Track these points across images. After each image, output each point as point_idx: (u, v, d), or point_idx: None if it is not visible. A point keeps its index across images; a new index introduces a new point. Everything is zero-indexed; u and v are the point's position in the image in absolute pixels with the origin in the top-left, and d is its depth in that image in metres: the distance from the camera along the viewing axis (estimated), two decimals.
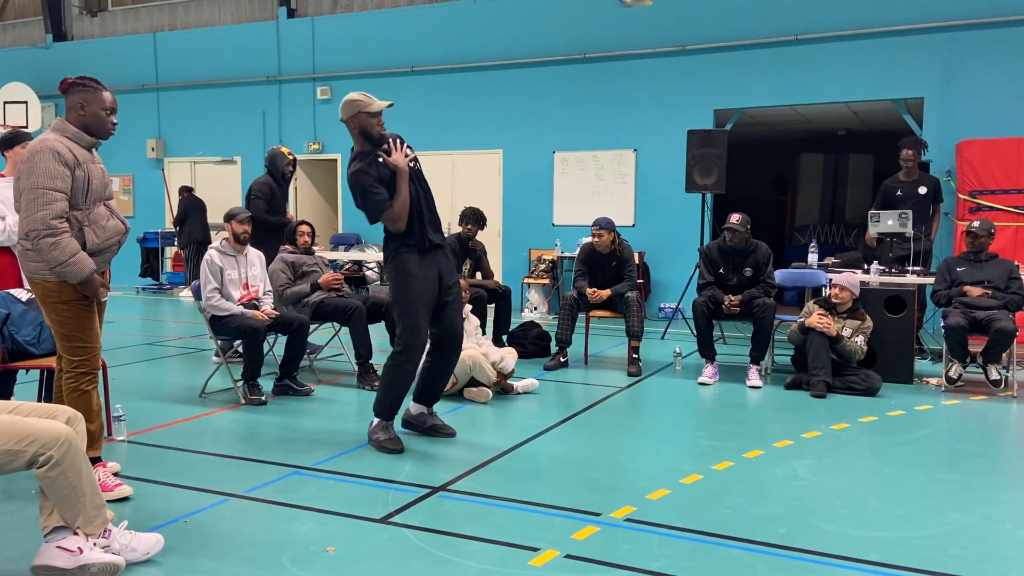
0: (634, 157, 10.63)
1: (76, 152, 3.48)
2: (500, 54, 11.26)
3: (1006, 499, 3.77)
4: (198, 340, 8.12)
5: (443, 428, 4.69)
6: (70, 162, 3.42)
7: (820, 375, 5.86)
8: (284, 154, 7.14)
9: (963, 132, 8.92)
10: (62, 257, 3.35)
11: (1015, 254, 7.75)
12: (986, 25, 8.93)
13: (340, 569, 2.95)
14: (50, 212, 3.33)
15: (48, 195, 3.34)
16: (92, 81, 3.56)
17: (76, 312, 3.52)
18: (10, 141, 4.97)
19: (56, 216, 3.35)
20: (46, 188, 3.34)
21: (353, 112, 4.26)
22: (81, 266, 3.40)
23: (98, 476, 3.63)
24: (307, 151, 12.66)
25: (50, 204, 3.33)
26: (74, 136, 3.52)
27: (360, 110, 4.24)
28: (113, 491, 3.63)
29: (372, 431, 4.45)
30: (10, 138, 4.99)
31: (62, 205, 3.37)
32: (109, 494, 3.61)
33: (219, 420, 5.12)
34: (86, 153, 3.55)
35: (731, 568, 2.98)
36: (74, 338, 3.55)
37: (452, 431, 4.68)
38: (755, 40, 9.92)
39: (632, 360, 6.70)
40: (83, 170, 3.48)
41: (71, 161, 3.43)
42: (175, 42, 13.61)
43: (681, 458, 4.35)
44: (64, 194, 3.38)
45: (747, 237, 6.50)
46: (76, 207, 3.48)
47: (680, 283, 9.59)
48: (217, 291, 5.55)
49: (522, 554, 3.07)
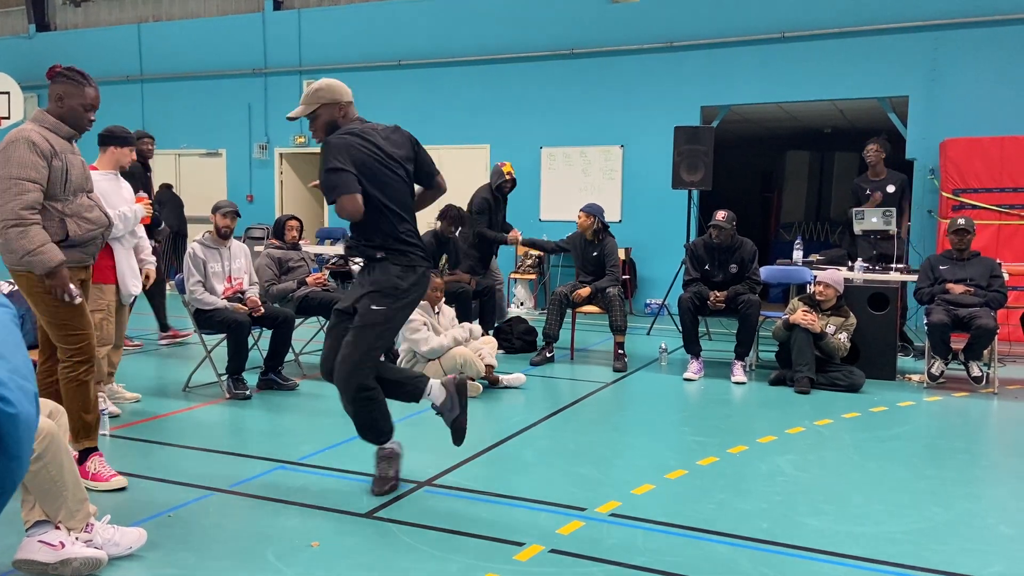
0: (621, 153, 10.64)
1: (54, 142, 3.45)
2: (487, 49, 11.23)
3: (987, 495, 3.81)
4: (181, 334, 8.06)
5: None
6: (46, 152, 3.39)
7: (804, 371, 5.90)
8: (503, 171, 7.53)
9: (947, 131, 8.98)
10: (29, 246, 3.31)
11: (997, 252, 7.82)
12: (971, 24, 8.99)
13: (325, 564, 2.94)
14: (20, 202, 3.31)
15: (20, 185, 3.31)
16: (79, 75, 3.52)
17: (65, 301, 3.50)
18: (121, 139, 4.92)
19: (27, 206, 3.32)
20: (18, 178, 3.31)
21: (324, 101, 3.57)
22: (48, 256, 3.34)
23: (94, 466, 3.64)
24: (293, 145, 12.59)
25: (21, 195, 3.31)
26: (52, 126, 3.49)
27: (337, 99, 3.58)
28: (108, 481, 3.62)
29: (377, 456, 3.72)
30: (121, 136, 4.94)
31: (35, 196, 3.34)
32: (104, 484, 3.61)
33: (203, 414, 5.09)
34: (65, 143, 3.52)
35: (714, 562, 2.99)
36: (66, 326, 3.51)
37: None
38: (742, 37, 9.95)
39: (618, 356, 6.72)
40: (61, 160, 3.45)
41: (47, 151, 3.39)
42: (160, 33, 13.49)
43: (666, 453, 4.37)
44: (38, 184, 3.35)
45: (733, 234, 6.52)
46: (55, 197, 3.45)
47: (666, 279, 9.62)
48: (200, 284, 5.52)
49: (507, 549, 3.07)
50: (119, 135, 4.92)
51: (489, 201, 7.48)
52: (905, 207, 7.91)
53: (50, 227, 3.45)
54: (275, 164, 12.84)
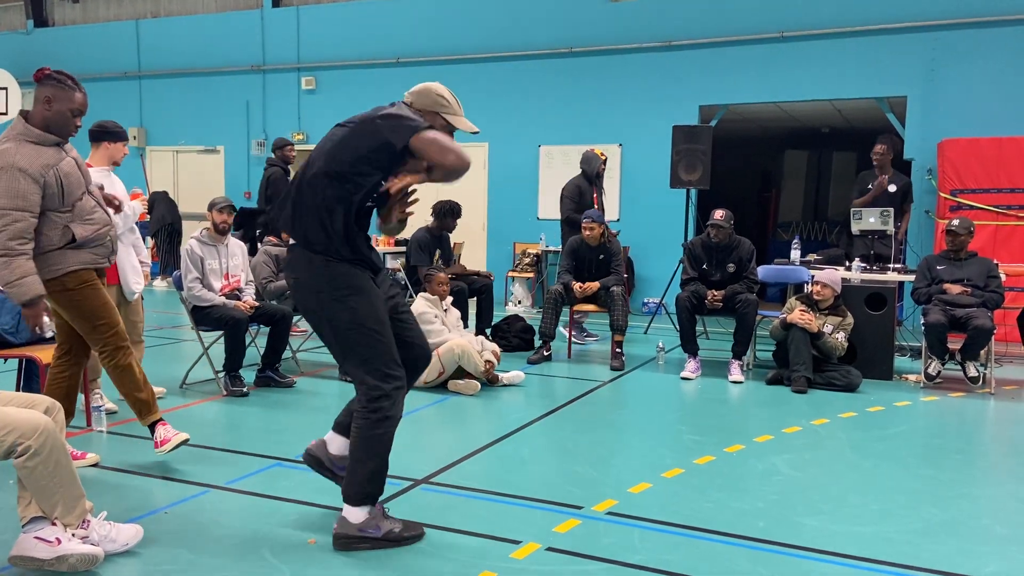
0: (619, 152, 10.64)
1: (43, 157, 3.43)
2: (486, 47, 11.23)
3: (982, 495, 3.82)
4: (178, 331, 8.07)
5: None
6: (37, 175, 3.39)
7: (801, 371, 5.90)
8: (598, 155, 7.70)
9: (945, 131, 8.99)
10: (10, 277, 3.37)
11: (994, 253, 7.83)
12: (969, 25, 9.00)
13: (321, 561, 2.94)
14: (8, 233, 3.35)
15: (8, 215, 3.34)
16: (68, 78, 3.51)
17: (87, 294, 3.63)
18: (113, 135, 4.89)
19: (14, 236, 3.35)
20: (7, 208, 3.34)
21: (432, 108, 3.07)
22: (27, 288, 3.38)
23: (160, 434, 3.89)
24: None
25: (9, 225, 3.35)
26: (37, 139, 3.46)
27: (441, 112, 3.08)
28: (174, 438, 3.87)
29: (365, 526, 3.04)
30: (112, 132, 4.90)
31: (23, 225, 3.37)
32: (172, 442, 3.85)
33: (200, 411, 5.09)
34: (53, 152, 3.49)
35: (711, 561, 2.99)
36: (95, 317, 3.68)
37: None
38: (741, 37, 9.95)
39: (615, 354, 6.72)
40: (54, 174, 3.45)
41: (37, 173, 3.40)
42: (158, 29, 13.46)
43: (663, 452, 4.37)
44: (27, 212, 3.38)
45: (731, 233, 6.53)
46: (56, 210, 3.49)
47: (664, 278, 9.62)
48: (198, 280, 5.51)
49: (504, 547, 3.08)
50: (112, 130, 4.87)
51: (581, 188, 7.67)
52: (906, 209, 7.92)
53: (55, 234, 3.50)
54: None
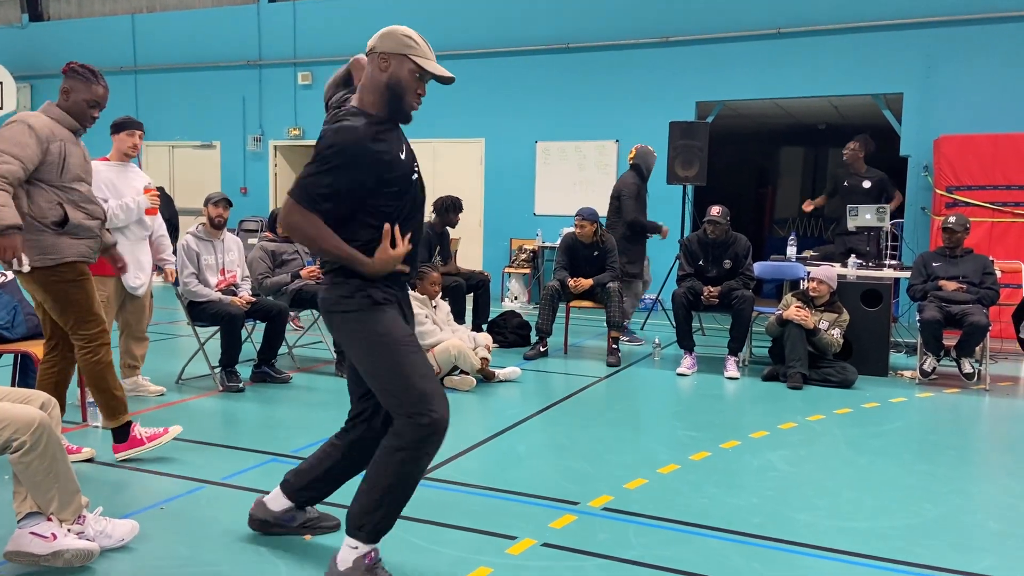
0: (616, 148, 10.63)
1: (55, 129, 3.56)
2: (483, 42, 11.21)
3: (977, 491, 3.83)
4: (174, 326, 8.05)
5: (322, 521, 3.16)
6: (43, 136, 3.49)
7: (797, 367, 5.92)
8: (652, 152, 7.44)
9: (941, 128, 9.00)
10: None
11: (990, 249, 7.85)
12: (966, 22, 9.01)
13: (316, 556, 2.94)
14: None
15: (3, 156, 3.38)
16: (90, 72, 3.65)
17: (83, 286, 3.63)
18: (118, 126, 5.04)
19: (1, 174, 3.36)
20: (2, 150, 3.39)
21: (398, 51, 2.66)
22: (3, 214, 3.29)
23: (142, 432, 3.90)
24: (287, 137, 12.55)
25: (2, 164, 3.38)
26: (57, 117, 3.62)
27: (409, 54, 2.67)
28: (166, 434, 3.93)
29: (353, 570, 2.65)
30: (118, 123, 5.06)
31: (12, 168, 3.39)
32: (165, 437, 3.92)
33: (196, 406, 5.08)
34: (66, 132, 3.63)
35: (706, 557, 3.00)
36: (86, 311, 3.65)
37: (336, 522, 3.15)
38: (737, 33, 9.95)
39: (611, 350, 6.73)
40: (59, 145, 3.55)
41: (45, 135, 3.50)
42: (154, 24, 13.42)
43: (658, 448, 4.38)
44: (21, 161, 3.41)
45: (727, 229, 6.53)
46: (50, 182, 3.54)
47: (660, 274, 9.62)
48: (194, 276, 5.51)
49: (499, 542, 3.08)
50: (115, 122, 5.05)
51: (639, 186, 7.43)
52: (888, 204, 7.94)
53: (48, 208, 3.54)
54: (269, 156, 12.81)
